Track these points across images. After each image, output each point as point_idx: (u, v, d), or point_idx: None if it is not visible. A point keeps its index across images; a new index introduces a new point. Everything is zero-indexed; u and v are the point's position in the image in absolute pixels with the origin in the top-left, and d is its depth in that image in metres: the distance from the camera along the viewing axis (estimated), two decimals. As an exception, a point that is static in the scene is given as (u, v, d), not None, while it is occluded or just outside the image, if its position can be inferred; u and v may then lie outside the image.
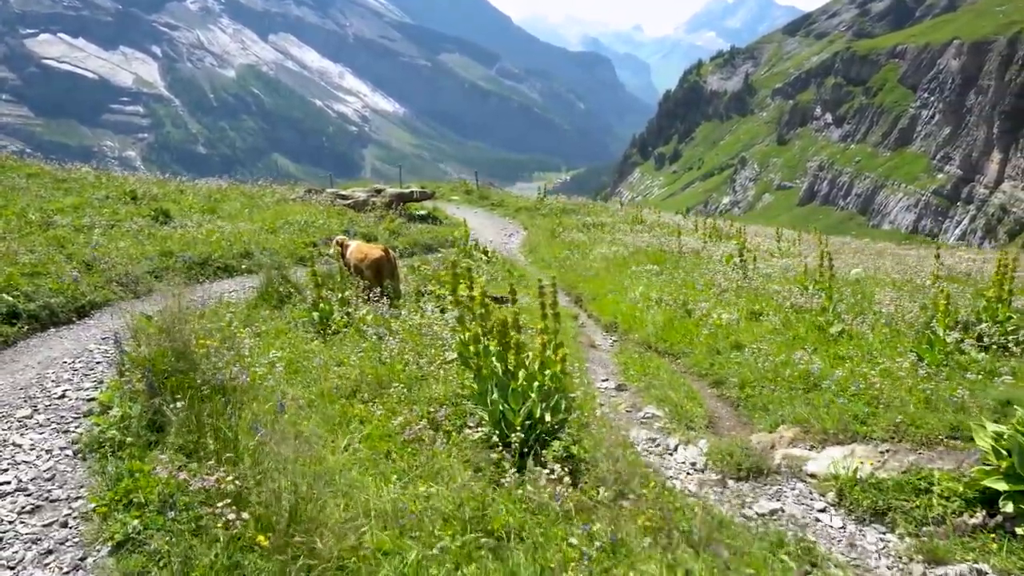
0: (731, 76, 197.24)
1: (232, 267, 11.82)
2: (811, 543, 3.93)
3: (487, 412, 5.02)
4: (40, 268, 8.86)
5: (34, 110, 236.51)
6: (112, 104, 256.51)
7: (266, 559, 3.06)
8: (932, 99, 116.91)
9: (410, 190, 22.24)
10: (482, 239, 17.89)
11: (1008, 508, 4.03)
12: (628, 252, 15.78)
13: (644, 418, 6.89)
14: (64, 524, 3.73)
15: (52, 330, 7.89)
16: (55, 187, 15.41)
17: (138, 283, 9.68)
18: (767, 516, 4.58)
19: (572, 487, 4.18)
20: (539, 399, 4.95)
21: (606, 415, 6.32)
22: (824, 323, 9.03)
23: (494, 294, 10.31)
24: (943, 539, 4.03)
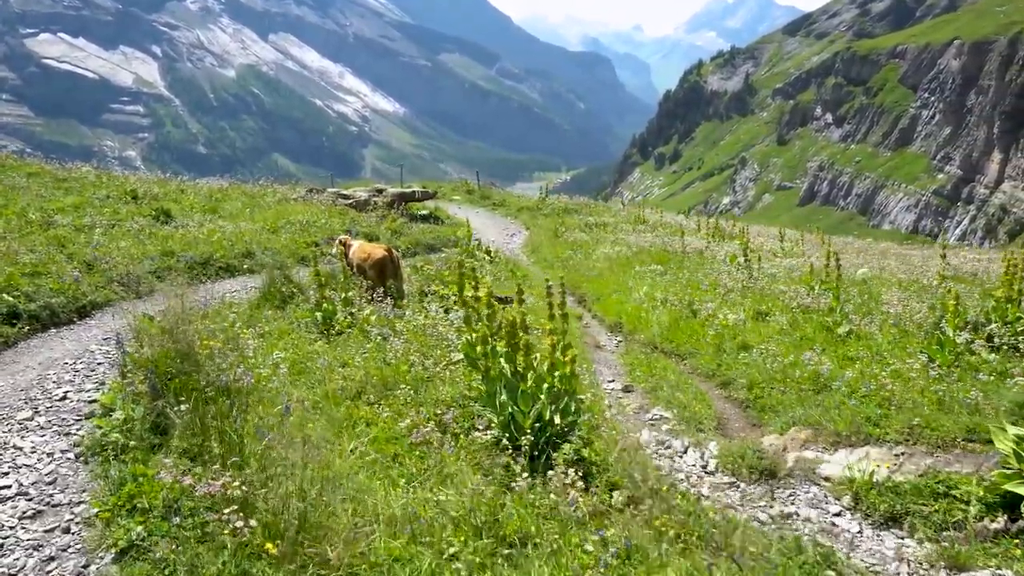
0: (731, 76, 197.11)
1: (234, 267, 11.74)
2: (830, 549, 3.85)
3: (496, 414, 4.94)
4: (41, 268, 8.77)
5: (34, 110, 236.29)
6: (112, 104, 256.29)
7: (275, 567, 2.98)
8: (932, 99, 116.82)
9: (412, 190, 22.15)
10: (484, 239, 17.81)
11: (1030, 513, 3.95)
12: (631, 252, 15.70)
13: (652, 420, 6.82)
14: (66, 530, 3.64)
15: (53, 330, 7.80)
16: (55, 186, 15.32)
17: (140, 283, 9.59)
18: (782, 520, 4.50)
19: (584, 491, 4.10)
20: (548, 401, 4.87)
21: (614, 417, 6.25)
22: (832, 323, 8.95)
23: (498, 294, 10.23)
24: (964, 544, 3.95)
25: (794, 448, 5.56)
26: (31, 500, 3.95)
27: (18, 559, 3.41)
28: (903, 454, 5.00)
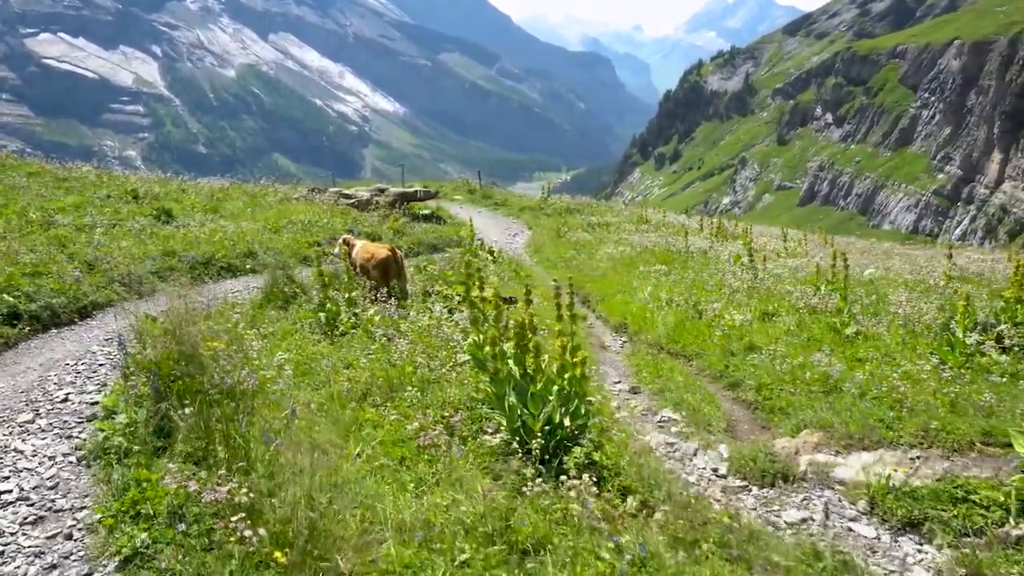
0: (731, 76, 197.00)
1: (236, 267, 11.66)
2: (848, 556, 3.77)
3: (505, 417, 4.86)
4: (41, 268, 8.70)
5: (34, 109, 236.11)
6: (112, 104, 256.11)
7: (284, 576, 2.90)
8: (933, 99, 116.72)
9: (413, 189, 22.07)
10: (487, 239, 17.72)
11: (1052, 519, 3.87)
12: (635, 252, 15.61)
13: (661, 422, 6.73)
14: (69, 536, 3.56)
15: (54, 331, 7.73)
16: (56, 186, 15.24)
17: (141, 283, 9.51)
18: (797, 525, 4.42)
19: (597, 496, 4.01)
20: (558, 404, 4.79)
21: (622, 419, 6.17)
22: (839, 324, 8.87)
23: (503, 295, 10.14)
24: (985, 551, 3.87)
25: (806, 451, 5.48)
26: (32, 505, 3.87)
27: (19, 567, 3.33)
28: (918, 458, 4.92)
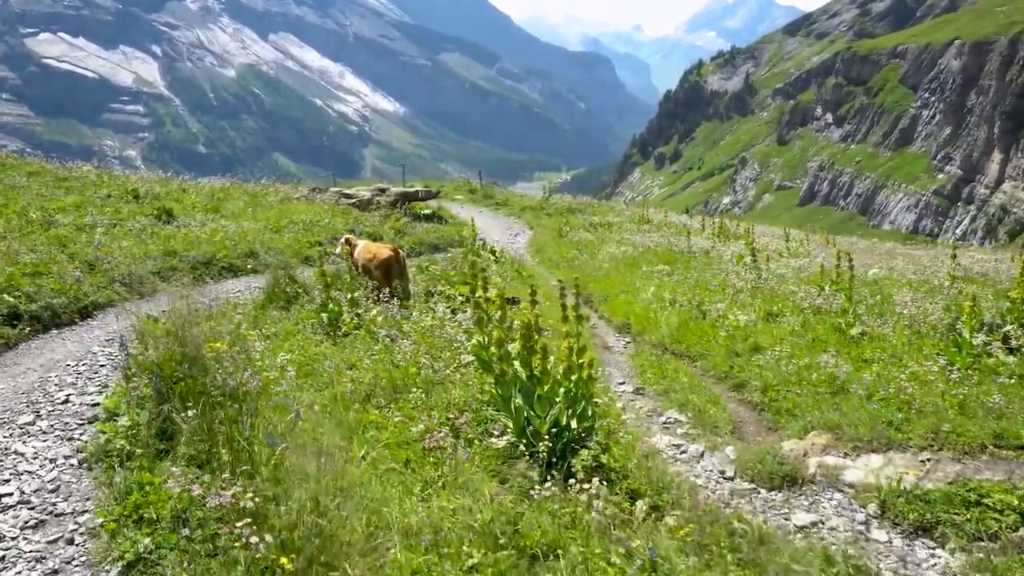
0: (731, 76, 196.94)
1: (237, 267, 11.61)
2: (861, 561, 3.71)
3: (511, 419, 4.80)
4: (42, 268, 8.64)
5: (34, 109, 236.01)
6: (112, 103, 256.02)
7: (291, 583, 2.84)
8: (933, 99, 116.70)
9: (415, 189, 22.01)
10: (488, 239, 17.65)
11: (1067, 523, 3.82)
12: (637, 252, 15.56)
13: (666, 423, 6.68)
14: (70, 541, 3.51)
15: (54, 332, 7.67)
16: (56, 186, 15.18)
17: (143, 283, 9.46)
18: (808, 529, 4.37)
19: (606, 500, 3.96)
20: (565, 406, 4.74)
21: (628, 421, 6.11)
22: (844, 325, 8.82)
23: (506, 295, 10.08)
24: (999, 556, 3.82)
25: (814, 453, 5.43)
26: (33, 509, 3.82)
27: (20, 572, 3.28)
28: (929, 460, 4.87)
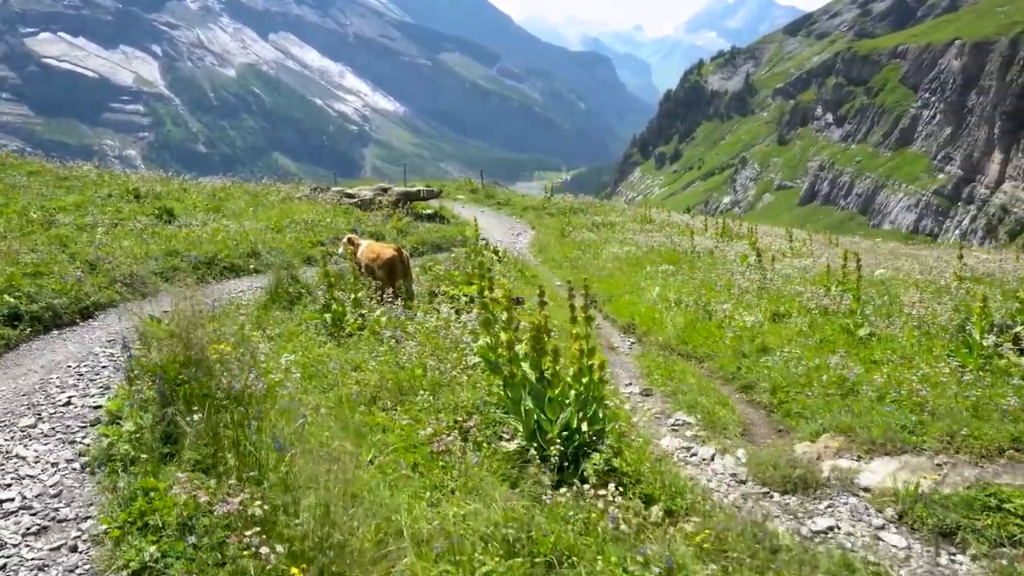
0: (732, 76, 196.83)
1: (239, 267, 11.53)
2: (881, 567, 3.63)
3: (521, 422, 4.72)
4: (42, 268, 8.56)
5: (34, 109, 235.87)
6: (112, 103, 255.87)
7: (301, 593, 2.76)
8: (933, 99, 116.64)
9: (416, 189, 21.93)
10: (490, 239, 17.56)
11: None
12: (641, 252, 15.49)
13: (675, 425, 6.60)
14: (73, 548, 3.42)
15: (55, 332, 7.59)
16: (57, 185, 15.10)
17: (144, 284, 9.38)
18: (824, 534, 4.29)
19: (620, 506, 3.88)
20: (576, 409, 4.66)
21: (636, 423, 6.03)
22: (852, 326, 8.74)
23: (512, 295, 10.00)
24: (1021, 562, 3.74)
25: (827, 456, 5.35)
26: (35, 515, 3.74)
27: (22, 580, 3.19)
28: (946, 464, 4.79)
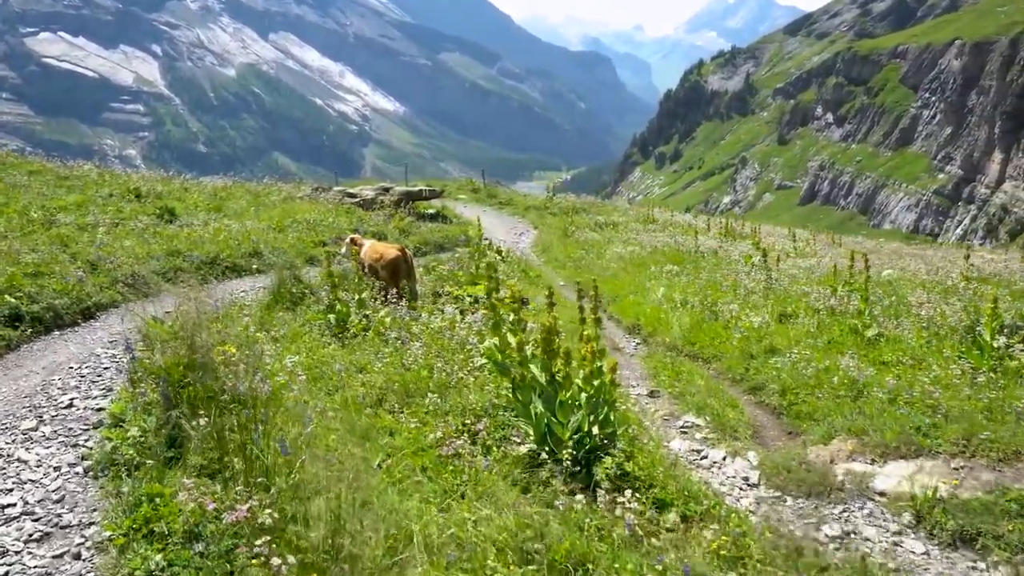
0: (732, 76, 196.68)
1: (241, 267, 11.46)
2: (901, 574, 3.56)
3: (531, 426, 4.65)
4: (43, 268, 8.49)
5: (34, 108, 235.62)
6: (112, 103, 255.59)
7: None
8: (933, 99, 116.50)
9: (418, 188, 21.85)
10: (493, 238, 17.48)
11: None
12: (645, 252, 15.42)
13: (683, 427, 6.52)
14: (77, 556, 3.34)
15: (57, 333, 7.52)
16: (57, 185, 15.02)
17: (148, 284, 9.30)
18: (840, 540, 4.21)
19: (640, 513, 3.80)
20: (587, 412, 4.58)
21: (646, 426, 5.95)
22: (860, 326, 8.66)
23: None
24: (1045, 569, 3.67)
25: (841, 459, 5.27)
26: (38, 520, 3.66)
27: (25, 589, 3.12)
28: (963, 468, 4.71)
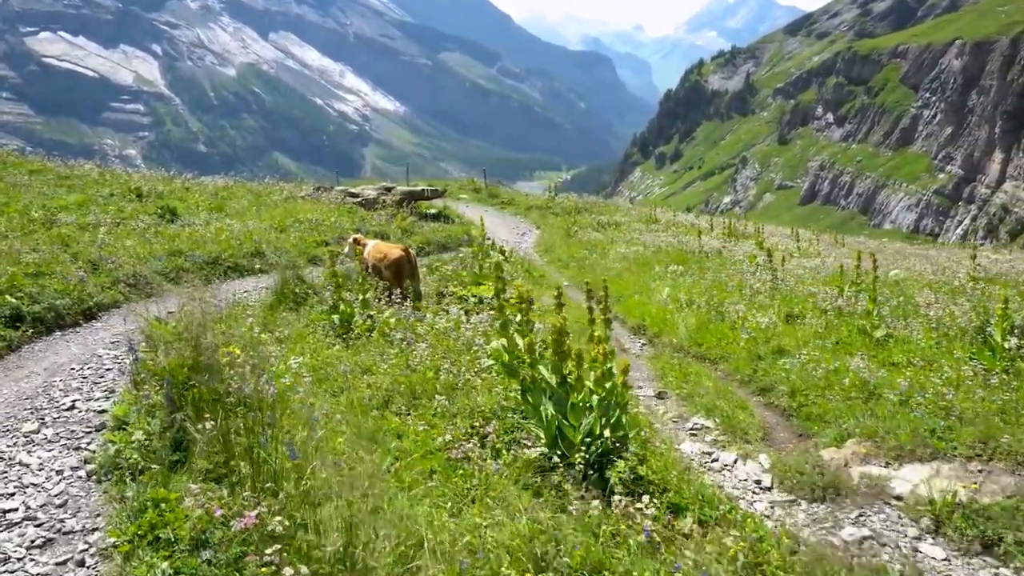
0: (732, 76, 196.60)
1: (243, 267, 11.38)
2: (925, 582, 3.48)
3: (542, 428, 4.57)
4: (44, 268, 8.41)
5: (34, 108, 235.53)
6: (112, 102, 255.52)
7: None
8: (934, 99, 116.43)
9: (420, 188, 21.77)
10: (496, 238, 17.39)
11: None
12: (648, 252, 15.34)
13: (693, 429, 6.44)
14: (80, 563, 3.26)
15: (58, 333, 7.44)
16: (58, 184, 14.94)
17: (150, 284, 9.22)
18: (858, 544, 4.13)
19: (654, 518, 3.72)
20: (599, 414, 4.50)
21: (658, 429, 5.88)
22: (868, 327, 8.59)
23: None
24: (1070, 576, 3.59)
25: (855, 462, 5.19)
26: (40, 526, 3.58)
27: (27, 597, 3.04)
28: (981, 471, 4.63)
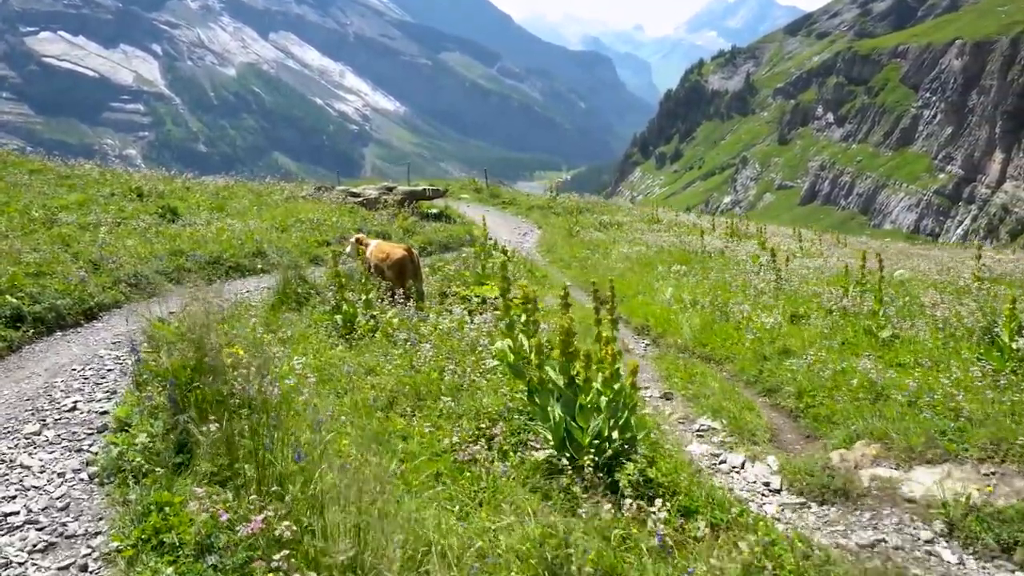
0: (732, 76, 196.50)
1: (244, 266, 11.33)
2: (941, 587, 3.42)
3: (550, 430, 4.51)
4: (45, 268, 8.36)
5: (34, 108, 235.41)
6: (112, 102, 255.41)
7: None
8: (934, 99, 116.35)
9: (422, 188, 21.72)
10: (497, 238, 17.33)
11: None
12: (651, 252, 15.29)
13: (700, 430, 6.39)
14: (83, 568, 3.21)
15: (59, 334, 7.38)
16: (59, 184, 14.89)
17: (151, 284, 9.17)
18: (870, 548, 4.08)
19: (665, 522, 3.67)
20: (607, 416, 4.45)
21: (666, 430, 5.83)
22: (874, 327, 8.54)
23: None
24: (1088, 581, 3.53)
25: (865, 464, 5.14)
26: (42, 530, 3.52)
27: (29, 603, 2.98)
28: (994, 474, 4.58)
